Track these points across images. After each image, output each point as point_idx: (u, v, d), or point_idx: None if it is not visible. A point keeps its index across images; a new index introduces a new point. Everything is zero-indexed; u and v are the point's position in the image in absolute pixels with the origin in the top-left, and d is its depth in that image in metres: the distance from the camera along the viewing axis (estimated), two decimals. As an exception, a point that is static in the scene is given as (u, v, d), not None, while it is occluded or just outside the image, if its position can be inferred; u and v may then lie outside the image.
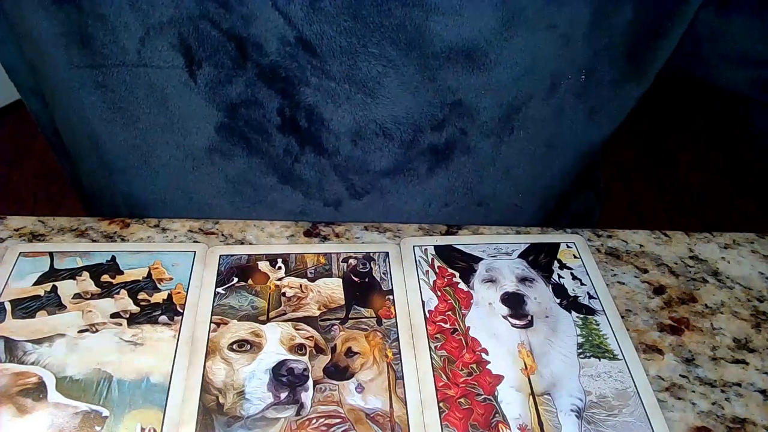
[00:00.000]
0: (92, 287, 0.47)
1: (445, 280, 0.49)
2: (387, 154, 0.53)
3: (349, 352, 0.44)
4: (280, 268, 0.50)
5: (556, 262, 0.52)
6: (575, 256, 0.52)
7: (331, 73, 0.48)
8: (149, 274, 0.48)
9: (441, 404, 0.41)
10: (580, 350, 0.45)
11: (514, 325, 0.46)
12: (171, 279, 0.48)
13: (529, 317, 0.47)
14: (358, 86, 0.49)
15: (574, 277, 0.50)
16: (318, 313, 0.46)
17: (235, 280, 0.48)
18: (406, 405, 0.41)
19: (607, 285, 0.50)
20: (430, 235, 0.54)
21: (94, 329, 0.44)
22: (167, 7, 0.45)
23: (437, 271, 0.50)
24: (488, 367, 0.44)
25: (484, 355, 0.44)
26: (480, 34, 0.46)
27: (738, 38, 0.53)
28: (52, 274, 0.48)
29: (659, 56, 0.52)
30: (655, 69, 0.53)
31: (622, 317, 0.48)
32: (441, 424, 0.40)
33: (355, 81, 0.49)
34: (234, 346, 0.44)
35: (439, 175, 0.55)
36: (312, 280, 0.49)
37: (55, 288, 0.47)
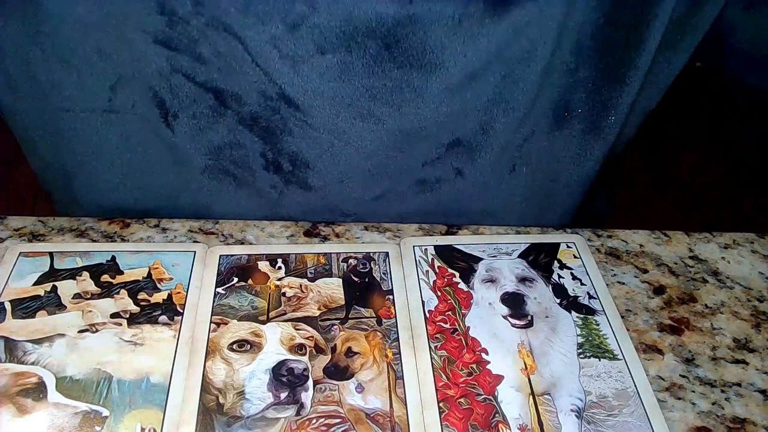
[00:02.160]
0: (92, 287, 0.47)
1: (445, 280, 0.49)
2: (373, 187, 0.53)
3: (349, 352, 0.44)
4: (280, 268, 0.50)
5: (556, 262, 0.52)
6: (575, 256, 0.52)
7: (315, 125, 0.47)
8: (149, 274, 0.48)
9: (441, 404, 0.41)
10: (580, 350, 0.45)
11: (514, 325, 0.46)
12: (171, 279, 0.48)
13: (529, 317, 0.47)
14: (340, 138, 0.48)
15: (574, 277, 0.50)
16: (318, 313, 0.46)
17: (235, 280, 0.48)
18: (406, 405, 0.41)
19: (607, 285, 0.50)
20: (430, 235, 0.54)
21: (94, 329, 0.44)
22: (135, 61, 0.44)
23: (437, 271, 0.50)
24: (488, 367, 0.44)
25: (484, 355, 0.44)
26: (481, 84, 0.45)
27: (758, 36, 0.51)
28: (52, 274, 0.48)
29: (664, 73, 0.51)
30: (660, 87, 0.52)
31: (622, 317, 0.48)
32: (441, 424, 0.40)
33: (337, 133, 0.48)
34: (234, 346, 0.44)
35: (429, 200, 0.55)
36: (312, 280, 0.49)
37: (55, 288, 0.47)
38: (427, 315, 0.47)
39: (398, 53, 0.43)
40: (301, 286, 0.48)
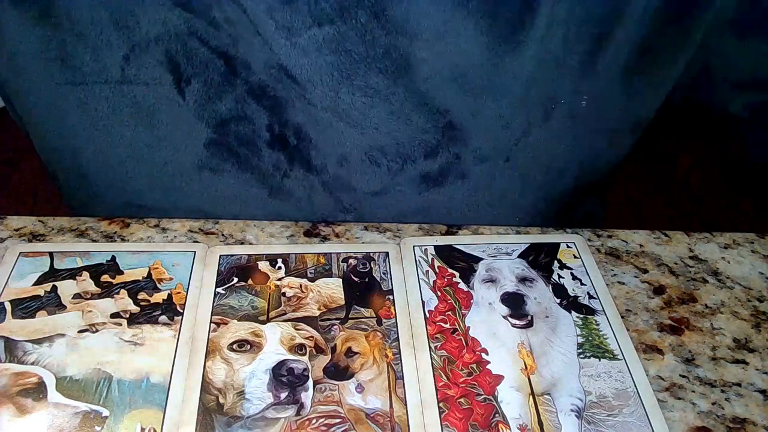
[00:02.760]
0: (92, 287, 0.47)
1: (445, 280, 0.49)
2: (374, 178, 0.53)
3: (349, 352, 0.44)
4: (280, 268, 0.50)
5: (556, 262, 0.52)
6: (575, 256, 0.52)
7: (313, 101, 0.48)
8: (149, 274, 0.48)
9: (441, 404, 0.41)
10: (580, 350, 0.45)
11: (514, 325, 0.46)
12: (171, 279, 0.48)
13: (529, 317, 0.47)
14: (340, 116, 0.49)
15: (574, 277, 0.50)
16: (318, 313, 0.46)
17: (235, 280, 0.48)
18: (406, 405, 0.41)
19: (607, 285, 0.50)
20: (430, 235, 0.54)
21: (94, 329, 0.44)
22: (154, 25, 0.45)
23: (437, 271, 0.50)
24: (488, 367, 0.44)
25: (484, 355, 0.44)
26: (467, 60, 0.46)
27: (748, 63, 0.52)
28: (52, 274, 0.48)
29: (658, 81, 0.51)
30: (655, 95, 0.52)
31: (622, 317, 0.48)
32: (441, 424, 0.40)
33: (337, 111, 0.48)
34: (234, 346, 0.44)
35: (430, 197, 0.55)
36: (312, 280, 0.49)
37: (55, 288, 0.47)
38: (427, 315, 0.47)
39: (385, 21, 0.44)
40: (301, 286, 0.48)
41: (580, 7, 0.44)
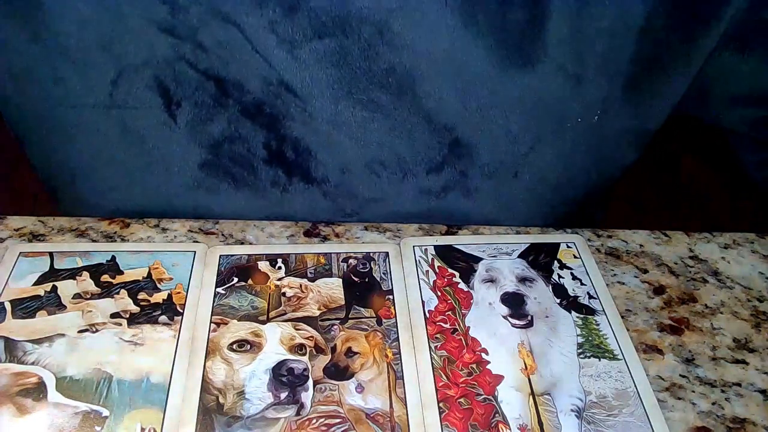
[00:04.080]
0: (92, 287, 0.47)
1: (445, 280, 0.49)
2: (376, 188, 0.53)
3: (349, 352, 0.44)
4: (280, 268, 0.50)
5: (556, 262, 0.52)
6: (575, 256, 0.52)
7: (314, 115, 0.48)
8: (149, 274, 0.48)
9: (441, 404, 0.41)
10: (580, 350, 0.45)
11: (514, 325, 0.46)
12: (171, 279, 0.48)
13: (529, 317, 0.47)
14: (340, 130, 0.49)
15: (574, 277, 0.50)
16: (318, 313, 0.46)
17: (235, 280, 0.48)
18: (406, 405, 0.41)
19: (607, 285, 0.50)
20: (430, 235, 0.54)
21: (94, 329, 0.44)
22: (141, 50, 0.45)
23: (437, 271, 0.50)
24: (488, 367, 0.44)
25: (484, 355, 0.44)
26: (474, 77, 0.46)
27: (748, 78, 0.52)
28: (52, 274, 0.48)
29: (665, 93, 0.51)
30: (662, 107, 0.52)
31: (622, 317, 0.48)
32: (441, 424, 0.40)
33: (337, 125, 0.48)
34: (234, 346, 0.44)
35: (433, 205, 0.55)
36: (312, 280, 0.49)
37: (55, 288, 0.47)
38: (427, 315, 0.47)
39: (389, 37, 0.44)
40: (301, 286, 0.48)
41: (589, 22, 0.44)
